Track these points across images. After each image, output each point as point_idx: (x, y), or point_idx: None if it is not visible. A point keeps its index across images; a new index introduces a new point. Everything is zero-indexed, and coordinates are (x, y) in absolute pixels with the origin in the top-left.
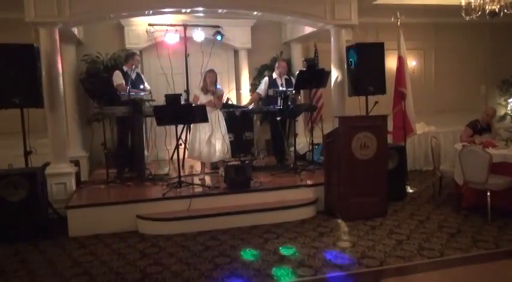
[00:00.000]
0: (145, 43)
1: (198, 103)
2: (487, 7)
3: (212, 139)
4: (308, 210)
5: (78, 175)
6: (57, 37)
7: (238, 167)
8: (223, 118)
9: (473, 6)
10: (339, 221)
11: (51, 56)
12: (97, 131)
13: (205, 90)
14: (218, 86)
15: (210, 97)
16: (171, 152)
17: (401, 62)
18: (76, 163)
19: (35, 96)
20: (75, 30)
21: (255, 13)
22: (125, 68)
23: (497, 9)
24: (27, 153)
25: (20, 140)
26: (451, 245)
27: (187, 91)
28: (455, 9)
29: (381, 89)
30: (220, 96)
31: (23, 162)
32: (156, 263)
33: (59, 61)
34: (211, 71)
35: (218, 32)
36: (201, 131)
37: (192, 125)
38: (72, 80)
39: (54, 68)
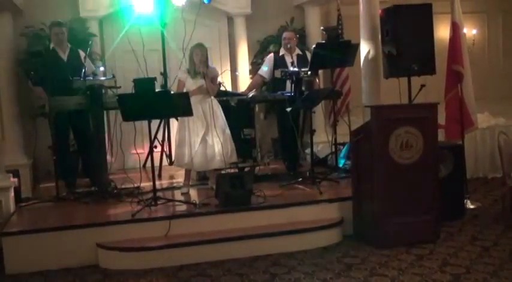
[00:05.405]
0: (106, 9)
1: (185, 91)
2: None
3: (208, 138)
4: (331, 235)
5: (17, 190)
6: None
7: (235, 177)
8: (220, 108)
9: None
10: (373, 248)
11: None
12: (43, 129)
13: (193, 72)
14: (211, 66)
15: (200, 81)
16: (143, 157)
17: (456, 30)
18: (15, 174)
19: None
20: None
21: None
22: (52, 45)
23: None
24: None
25: None
26: None
27: (164, 74)
28: None
29: (429, 68)
30: (214, 79)
31: None
32: None
33: None
34: (200, 45)
35: None
36: (191, 128)
37: (178, 122)
38: (9, 61)
39: None
